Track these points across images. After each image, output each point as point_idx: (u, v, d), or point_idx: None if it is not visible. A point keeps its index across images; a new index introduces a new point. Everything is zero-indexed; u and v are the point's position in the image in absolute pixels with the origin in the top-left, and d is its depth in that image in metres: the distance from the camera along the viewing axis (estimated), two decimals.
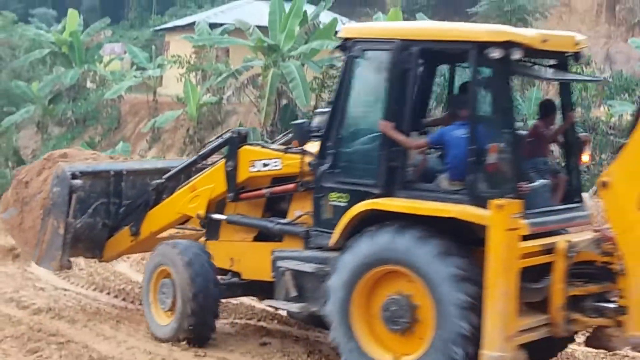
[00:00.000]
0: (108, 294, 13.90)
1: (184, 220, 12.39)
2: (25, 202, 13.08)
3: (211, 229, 11.81)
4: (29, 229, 12.93)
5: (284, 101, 33.34)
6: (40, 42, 47.65)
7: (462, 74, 10.33)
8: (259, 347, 10.92)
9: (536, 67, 9.92)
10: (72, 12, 46.24)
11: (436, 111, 14.65)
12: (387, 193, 9.58)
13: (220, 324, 12.05)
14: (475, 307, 8.82)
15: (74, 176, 12.33)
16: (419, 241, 9.12)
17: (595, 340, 9.45)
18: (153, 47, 50.70)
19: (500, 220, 8.64)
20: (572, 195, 10.15)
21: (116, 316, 12.25)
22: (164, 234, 12.92)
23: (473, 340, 8.80)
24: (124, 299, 13.55)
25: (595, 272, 9.28)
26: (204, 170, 11.96)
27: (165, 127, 39.29)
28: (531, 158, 10.17)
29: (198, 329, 11.00)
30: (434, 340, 9.05)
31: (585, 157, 10.26)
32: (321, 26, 34.14)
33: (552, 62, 10.08)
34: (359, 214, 9.64)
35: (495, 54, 8.91)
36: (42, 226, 12.56)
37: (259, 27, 33.94)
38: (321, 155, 10.16)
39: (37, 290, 13.83)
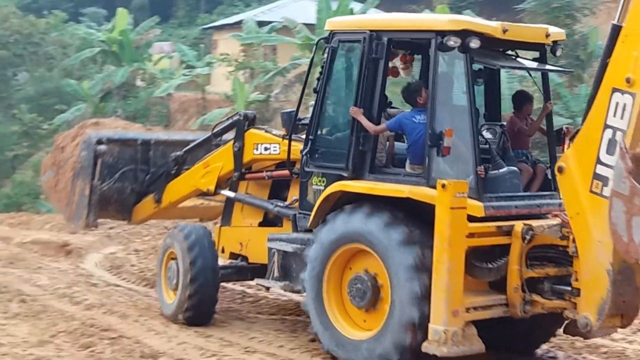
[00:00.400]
0: None
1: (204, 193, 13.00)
2: (61, 165, 14.14)
3: (225, 216, 12.48)
4: (62, 190, 13.95)
5: None
6: (90, 41, 48.14)
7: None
8: (308, 343, 10.92)
9: (504, 57, 10.29)
10: (121, 11, 46.58)
11: None
12: (356, 176, 10.11)
13: (270, 319, 12.13)
14: (425, 269, 9.21)
15: (99, 142, 13.22)
16: (369, 216, 9.65)
17: (573, 327, 9.47)
18: (201, 45, 51.04)
19: (444, 199, 8.95)
20: (549, 183, 10.45)
21: None
22: (188, 203, 13.68)
23: (429, 300, 9.14)
24: None
25: (556, 256, 9.50)
26: (217, 148, 12.62)
27: (214, 124, 39.46)
28: (511, 150, 10.56)
29: (196, 310, 11.57)
30: (392, 306, 9.46)
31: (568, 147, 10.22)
32: None
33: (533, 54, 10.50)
34: (329, 196, 10.20)
35: (453, 42, 9.34)
36: (72, 188, 13.51)
37: (306, 25, 34.03)
38: (306, 141, 10.70)
39: (89, 286, 13.96)
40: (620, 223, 8.13)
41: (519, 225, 9.48)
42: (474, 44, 9.35)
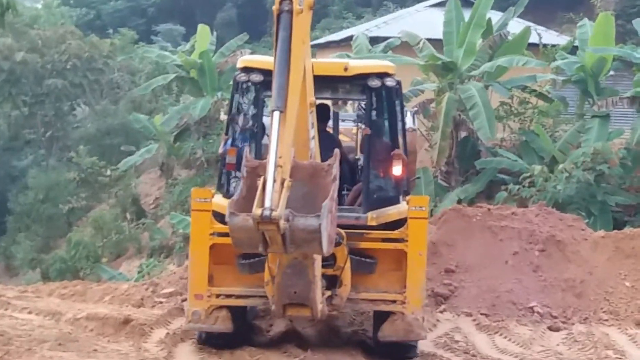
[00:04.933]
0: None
1: None
2: None
3: None
4: None
5: (463, 133, 33.24)
6: (164, 66, 48.91)
7: None
8: None
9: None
10: (202, 28, 46.78)
11: None
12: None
13: None
14: None
15: None
16: None
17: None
18: None
19: (192, 201, 14.29)
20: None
21: None
22: None
23: None
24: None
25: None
26: None
27: None
28: None
29: None
30: None
31: (397, 171, 14.58)
32: (510, 37, 33.95)
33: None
34: None
35: (241, 77, 14.69)
36: None
37: (430, 40, 34.03)
38: None
39: None
40: None
41: None
42: (256, 78, 14.43)
